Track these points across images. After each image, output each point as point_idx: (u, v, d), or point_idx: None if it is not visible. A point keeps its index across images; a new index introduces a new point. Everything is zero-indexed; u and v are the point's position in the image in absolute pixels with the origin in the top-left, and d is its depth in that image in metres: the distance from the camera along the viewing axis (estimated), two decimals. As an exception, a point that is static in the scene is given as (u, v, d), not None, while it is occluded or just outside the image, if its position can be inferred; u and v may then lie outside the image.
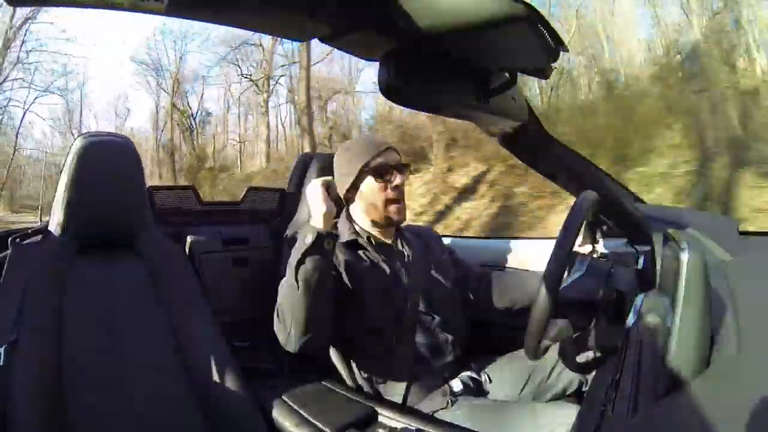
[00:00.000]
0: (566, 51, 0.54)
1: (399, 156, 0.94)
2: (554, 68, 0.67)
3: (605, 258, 0.95)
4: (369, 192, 0.92)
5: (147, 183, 0.95)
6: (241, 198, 1.33)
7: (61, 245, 0.81)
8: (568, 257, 0.75)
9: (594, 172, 1.07)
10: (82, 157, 0.81)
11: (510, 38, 0.51)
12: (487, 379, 0.93)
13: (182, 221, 1.20)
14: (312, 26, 0.55)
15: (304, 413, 0.81)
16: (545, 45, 0.49)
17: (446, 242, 1.14)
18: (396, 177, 0.91)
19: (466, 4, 0.44)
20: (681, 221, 0.81)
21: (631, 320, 0.56)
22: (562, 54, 0.52)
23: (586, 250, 0.90)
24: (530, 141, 0.98)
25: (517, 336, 1.04)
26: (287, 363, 1.00)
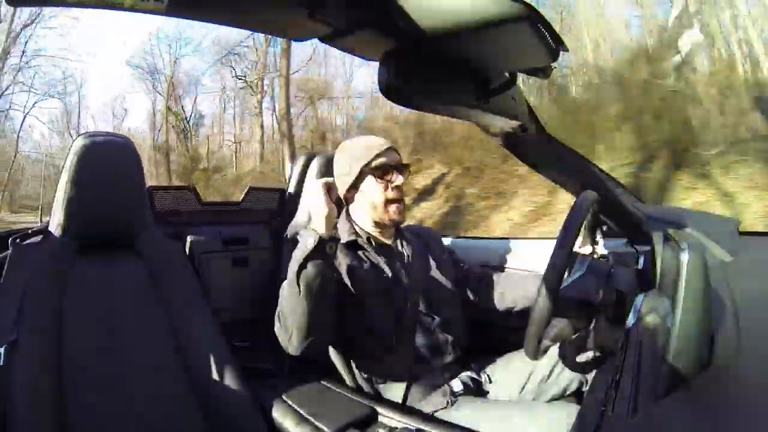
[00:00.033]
0: (566, 51, 0.54)
1: (399, 156, 0.94)
2: (554, 68, 0.67)
3: (605, 258, 0.95)
4: (369, 192, 0.92)
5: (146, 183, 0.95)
6: (242, 198, 1.34)
7: (62, 245, 0.81)
8: (568, 257, 0.75)
9: (594, 172, 1.07)
10: (83, 157, 0.81)
11: (510, 38, 0.51)
12: (487, 379, 0.93)
13: (182, 221, 1.20)
14: (312, 26, 0.55)
15: (304, 413, 0.81)
16: (545, 45, 0.50)
17: (446, 242, 1.14)
18: (396, 177, 0.91)
19: (466, 4, 0.44)
20: (681, 221, 0.81)
21: (631, 320, 0.56)
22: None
23: (586, 250, 0.90)
24: (530, 141, 0.98)
25: (517, 336, 1.04)
26: (287, 363, 1.00)
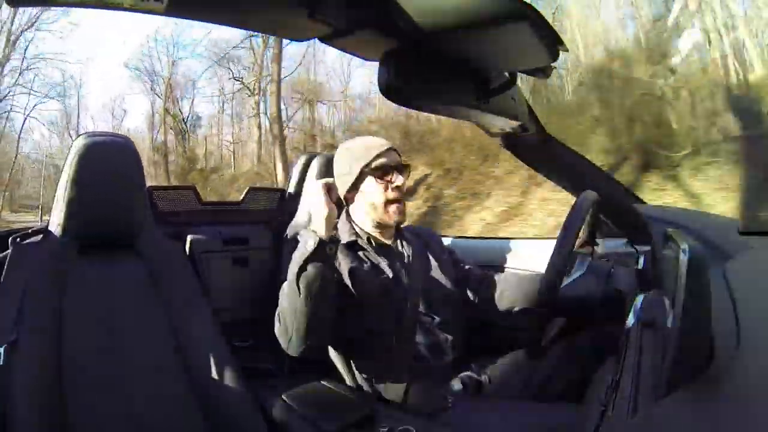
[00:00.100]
0: (566, 51, 0.54)
1: (399, 156, 0.94)
2: (554, 68, 0.67)
3: (605, 258, 0.95)
4: (370, 192, 0.92)
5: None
6: (242, 198, 1.34)
7: (62, 245, 0.81)
8: (568, 257, 0.75)
9: (594, 172, 1.07)
10: (83, 157, 0.81)
11: (510, 38, 0.51)
12: (487, 379, 0.93)
13: (182, 221, 1.20)
14: (312, 26, 0.55)
15: (304, 413, 0.81)
16: (545, 45, 0.50)
17: (446, 242, 1.14)
18: (397, 177, 0.91)
19: (466, 4, 0.44)
20: (681, 221, 0.81)
21: (631, 320, 0.56)
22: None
23: (586, 250, 0.90)
24: (530, 141, 0.98)
25: (517, 336, 1.04)
26: (287, 363, 1.00)
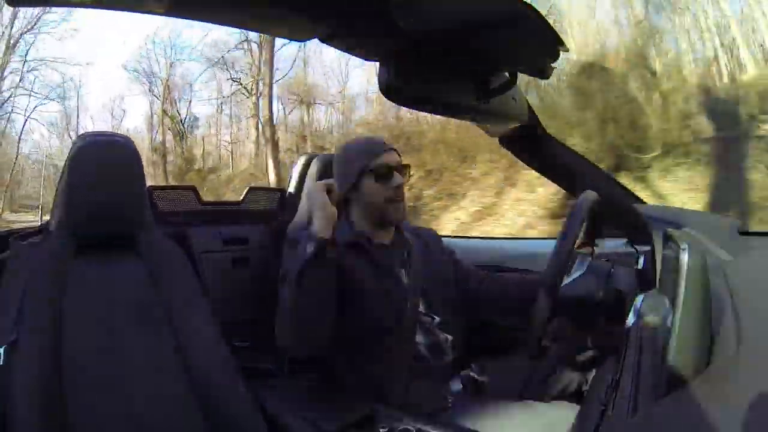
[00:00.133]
0: (566, 51, 0.54)
1: (399, 157, 0.94)
2: (554, 68, 0.67)
3: (605, 258, 0.95)
4: (370, 193, 0.92)
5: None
6: (242, 198, 1.34)
7: (61, 245, 0.81)
8: (568, 257, 0.75)
9: (594, 172, 1.07)
10: (83, 157, 0.81)
11: (510, 38, 0.51)
12: (487, 379, 0.93)
13: (182, 221, 1.20)
14: (312, 26, 0.55)
15: (304, 413, 0.81)
16: (545, 45, 0.50)
17: (446, 242, 1.14)
18: (396, 177, 0.91)
19: (467, 4, 0.44)
20: (681, 221, 0.81)
21: (631, 320, 0.56)
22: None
23: (586, 250, 0.90)
24: (530, 141, 0.98)
25: (517, 336, 1.04)
26: (287, 363, 1.00)
